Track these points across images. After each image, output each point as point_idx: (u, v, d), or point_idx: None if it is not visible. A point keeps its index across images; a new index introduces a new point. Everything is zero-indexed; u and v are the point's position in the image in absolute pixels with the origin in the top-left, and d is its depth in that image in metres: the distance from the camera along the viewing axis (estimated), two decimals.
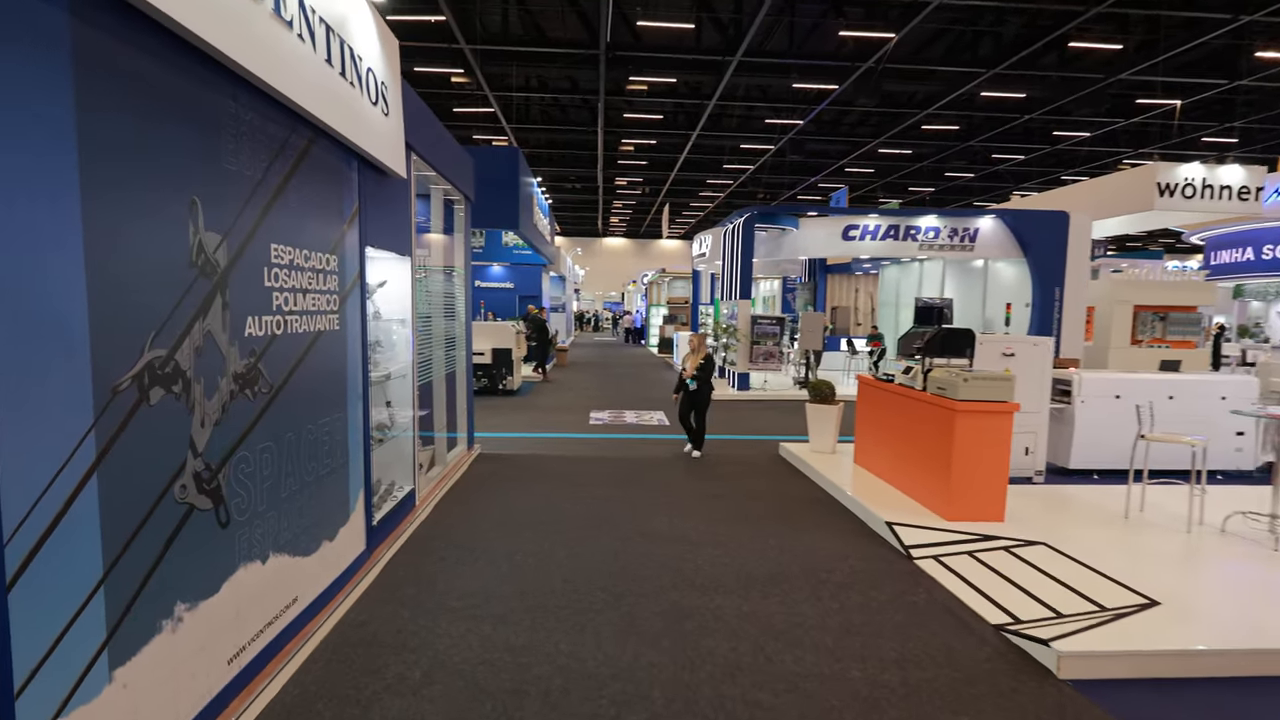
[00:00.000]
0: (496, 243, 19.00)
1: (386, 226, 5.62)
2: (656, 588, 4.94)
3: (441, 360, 7.53)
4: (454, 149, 7.72)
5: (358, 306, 4.90)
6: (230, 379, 3.27)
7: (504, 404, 13.34)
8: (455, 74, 22.34)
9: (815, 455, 8.65)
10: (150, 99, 2.72)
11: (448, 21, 17.95)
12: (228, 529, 3.26)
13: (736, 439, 10.49)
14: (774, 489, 7.61)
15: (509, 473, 8.10)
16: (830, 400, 8.74)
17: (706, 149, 30.49)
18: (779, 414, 12.83)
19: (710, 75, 22.13)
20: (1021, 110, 24.67)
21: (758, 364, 14.88)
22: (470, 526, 6.16)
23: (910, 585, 5.08)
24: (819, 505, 7.03)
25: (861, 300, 21.42)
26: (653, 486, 7.63)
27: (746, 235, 14.81)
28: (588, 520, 6.40)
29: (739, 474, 8.27)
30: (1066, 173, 33.22)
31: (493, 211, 13.28)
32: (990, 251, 14.81)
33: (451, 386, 8.31)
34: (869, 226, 15.10)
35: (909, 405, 6.86)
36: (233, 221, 3.30)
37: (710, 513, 6.72)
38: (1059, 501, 7.03)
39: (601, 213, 48.26)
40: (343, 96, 4.26)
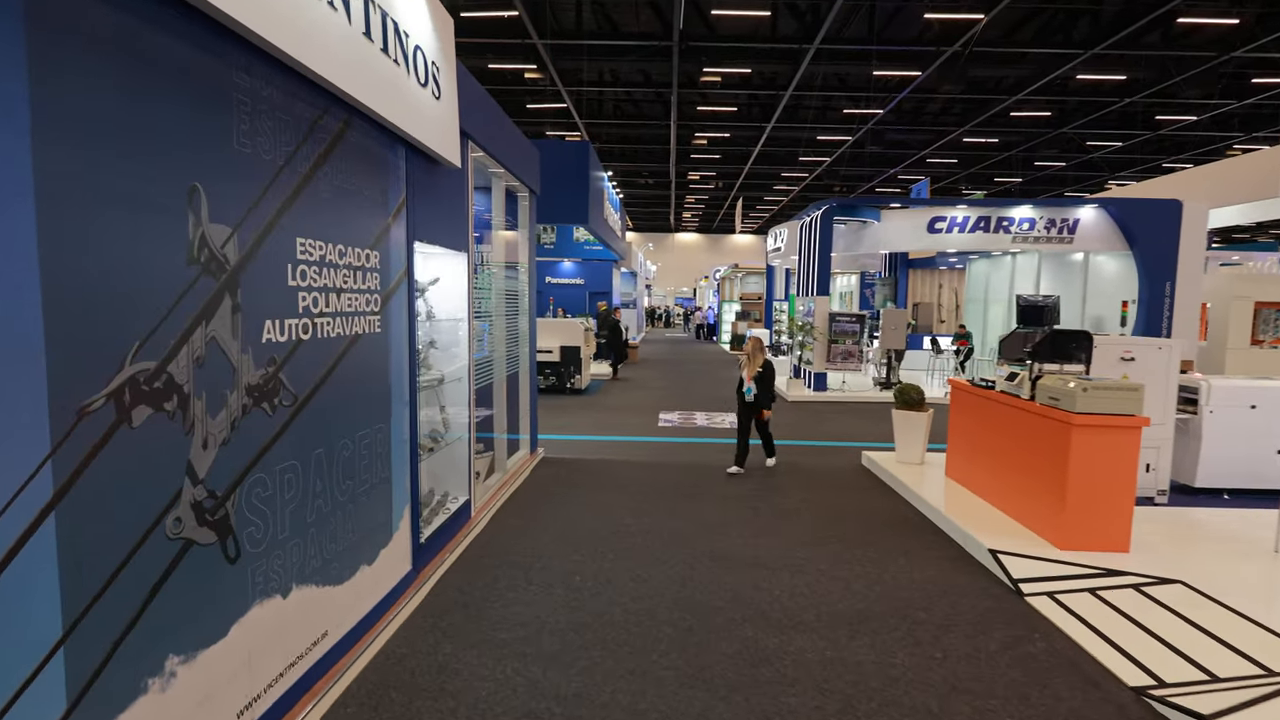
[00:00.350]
0: (568, 239, 18.64)
1: (439, 220, 5.18)
2: (728, 622, 4.34)
3: (503, 361, 7.10)
4: (516, 138, 7.27)
5: (404, 306, 4.46)
6: (242, 392, 2.84)
7: (571, 403, 12.92)
8: (528, 70, 22.11)
9: (902, 467, 7.86)
10: (134, 70, 2.28)
11: (520, 16, 17.64)
12: (238, 564, 2.83)
13: (814, 445, 9.75)
14: (857, 505, 6.89)
15: (572, 479, 7.62)
16: (919, 407, 7.94)
17: (781, 141, 29.50)
18: (859, 418, 11.99)
19: (786, 65, 21.25)
20: (1120, 94, 22.88)
21: (836, 363, 14.03)
22: (528, 542, 5.69)
23: (1024, 630, 4.33)
24: (909, 525, 6.29)
25: (945, 296, 20.18)
26: (724, 498, 7.02)
27: (825, 228, 13.96)
28: (654, 537, 5.85)
29: (818, 486, 7.57)
30: (1168, 160, 30.82)
31: (562, 207, 12.86)
32: (1092, 244, 13.54)
33: (514, 388, 7.89)
34: (956, 218, 14.03)
35: (1014, 416, 6.04)
36: (246, 212, 2.86)
37: (787, 531, 6.07)
38: (1189, 528, 6.09)
39: (674, 208, 47.63)
40: (384, 75, 3.80)
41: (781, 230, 18.57)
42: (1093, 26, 18.46)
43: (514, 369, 7.86)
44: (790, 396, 13.73)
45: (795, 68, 20.82)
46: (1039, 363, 5.87)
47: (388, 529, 4.27)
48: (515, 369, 7.92)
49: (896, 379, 14.40)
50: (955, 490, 6.96)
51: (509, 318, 7.63)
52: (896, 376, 14.39)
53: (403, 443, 4.47)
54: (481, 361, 6.47)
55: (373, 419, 4.03)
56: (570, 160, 12.82)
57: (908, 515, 6.57)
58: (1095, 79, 21.33)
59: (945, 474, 7.46)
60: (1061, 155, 30.44)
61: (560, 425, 10.76)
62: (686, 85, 23.19)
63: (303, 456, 3.29)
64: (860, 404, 13.35)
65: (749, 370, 8.00)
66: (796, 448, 9.54)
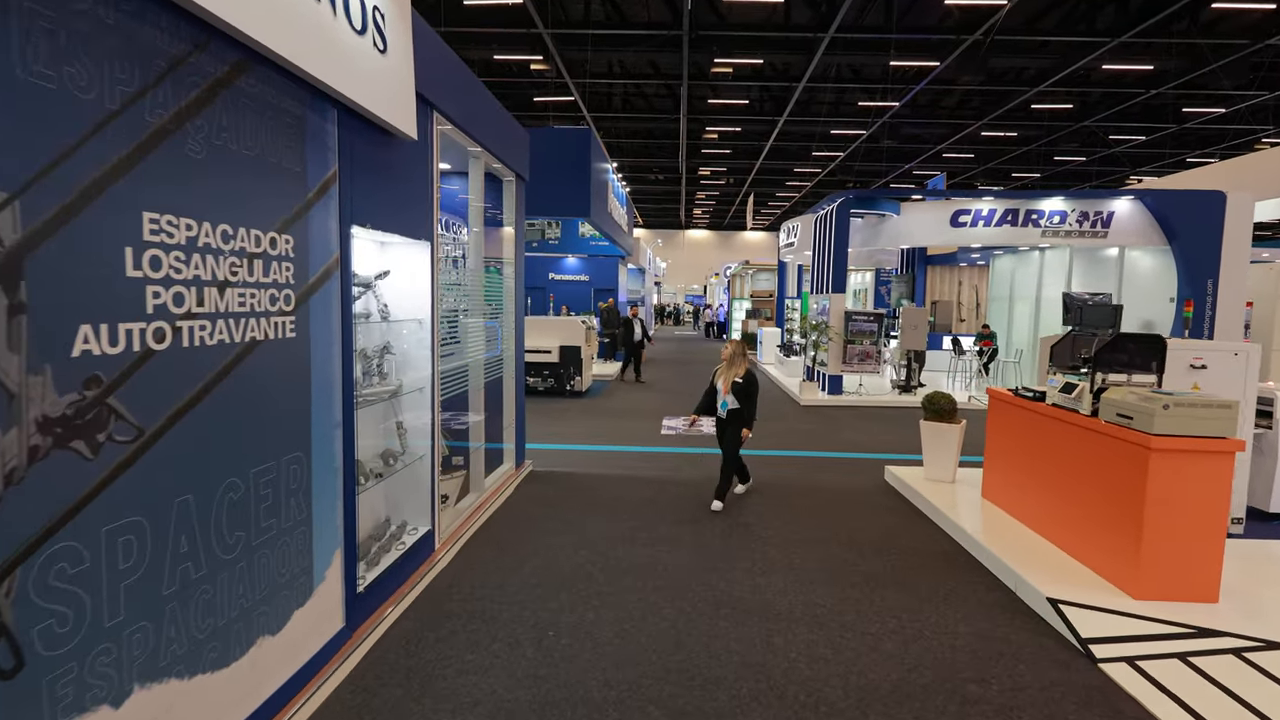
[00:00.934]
0: (573, 234, 17.73)
1: (392, 201, 4.28)
2: (732, 701, 3.42)
3: (480, 366, 6.19)
4: (498, 114, 6.36)
5: (333, 305, 3.56)
6: (29, 428, 1.95)
7: (571, 407, 12.01)
8: (534, 61, 21.23)
9: (931, 485, 6.91)
10: None
11: (525, 5, 16.76)
12: (19, 679, 1.94)
13: (831, 457, 8.79)
14: (883, 531, 5.94)
15: (560, 499, 6.72)
16: (951, 417, 6.98)
17: (794, 135, 28.47)
18: (879, 425, 11.02)
19: (800, 55, 20.26)
20: (1146, 85, 21.75)
21: (852, 365, 13.05)
22: (498, 582, 4.78)
23: (1106, 713, 3.39)
24: (945, 559, 5.34)
25: (965, 294, 19.12)
26: (731, 524, 6.09)
27: (841, 222, 12.97)
28: (647, 575, 4.93)
29: (837, 508, 6.63)
30: (1193, 155, 29.55)
31: (561, 198, 11.97)
32: (1127, 238, 12.47)
33: (496, 396, 7.00)
34: (982, 211, 12.99)
35: (1070, 435, 5.08)
36: (41, 171, 1.97)
37: (803, 566, 5.13)
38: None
39: (684, 204, 46.65)
40: (296, 10, 2.90)
41: (795, 224, 17.58)
42: (1119, 14, 17.40)
43: (497, 373, 6.96)
44: (803, 400, 12.77)
45: (809, 58, 19.82)
46: (1106, 372, 4.91)
47: (307, 582, 3.37)
48: (499, 373, 7.02)
49: (917, 382, 13.41)
50: (995, 516, 6.00)
51: (493, 316, 6.74)
52: (917, 379, 13.40)
53: (331, 473, 3.57)
54: (451, 369, 5.58)
55: (281, 448, 3.13)
56: (570, 148, 11.91)
57: (942, 546, 5.62)
58: (1121, 69, 20.22)
59: (982, 495, 6.50)
60: (1082, 149, 29.24)
61: (554, 433, 9.85)
62: (697, 77, 22.24)
63: (155, 509, 2.40)
64: (879, 409, 12.37)
65: (725, 379, 6.45)
66: (811, 460, 8.59)
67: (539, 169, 12.24)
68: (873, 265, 20.66)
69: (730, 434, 6.43)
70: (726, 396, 6.42)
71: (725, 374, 6.48)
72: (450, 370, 5.53)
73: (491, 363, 6.67)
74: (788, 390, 13.93)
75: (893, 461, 8.35)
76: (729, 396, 6.41)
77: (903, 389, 13.39)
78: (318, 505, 3.44)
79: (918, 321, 12.91)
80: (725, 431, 6.51)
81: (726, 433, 6.48)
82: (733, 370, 6.43)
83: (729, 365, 6.47)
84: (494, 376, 6.76)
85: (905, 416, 11.66)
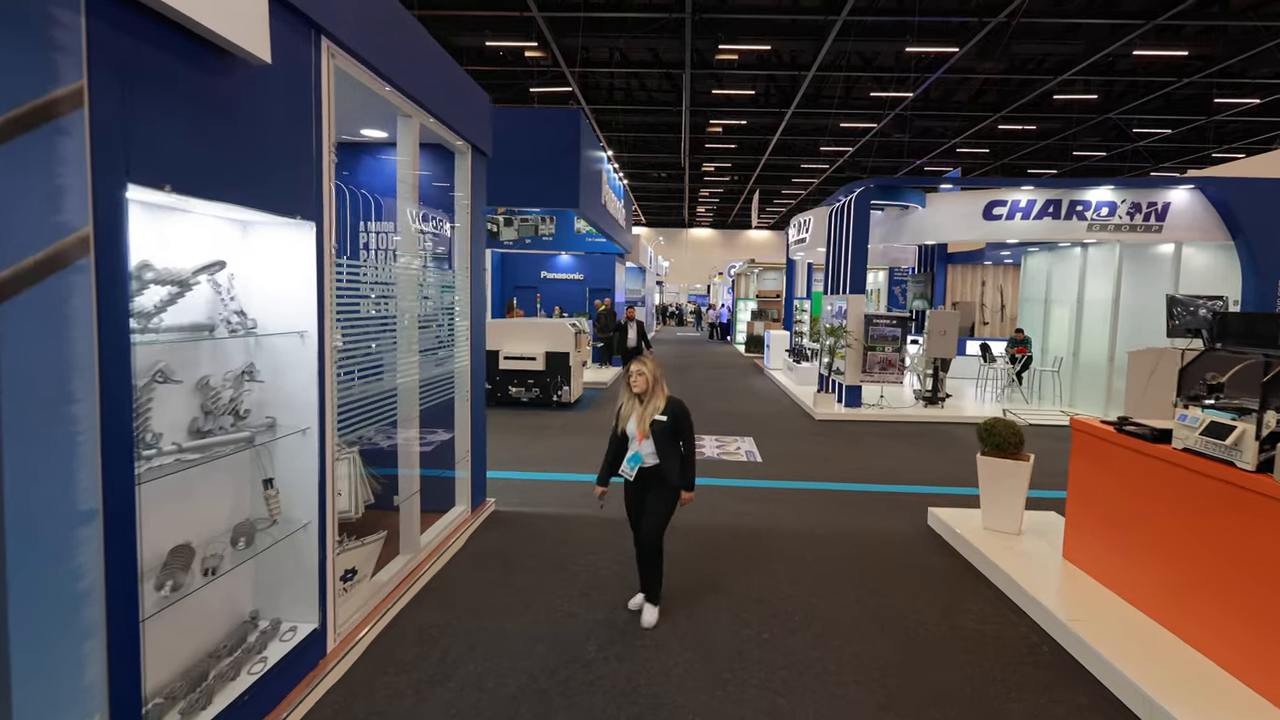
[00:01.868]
0: (568, 231, 16.22)
1: (231, 156, 2.78)
2: None
3: (413, 390, 4.68)
4: (439, 62, 4.85)
5: (75, 314, 2.07)
6: None
7: (554, 422, 10.49)
8: (528, 48, 19.75)
9: (992, 539, 5.39)
10: None
11: None
12: None
13: (857, 490, 7.27)
14: (944, 610, 4.42)
15: (522, 557, 5.21)
16: (1017, 452, 5.46)
17: (801, 129, 26.95)
18: (907, 444, 9.49)
19: (810, 41, 18.76)
20: (1177, 73, 20.16)
21: (872, 374, 11.52)
22: (410, 704, 3.29)
23: None
24: (1034, 659, 3.80)
25: (989, 295, 17.53)
26: (741, 599, 4.57)
27: (860, 214, 11.42)
28: (624, 696, 3.41)
29: (877, 570, 5.11)
30: (1219, 150, 27.88)
31: (548, 187, 10.50)
32: (1185, 233, 10.89)
33: (443, 421, 5.51)
34: (1019, 202, 11.42)
35: (1219, 495, 3.55)
36: None
37: (845, 679, 3.60)
38: None
39: (687, 202, 45.13)
40: None
41: (806, 218, 16.04)
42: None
43: (447, 393, 5.47)
44: (818, 413, 11.23)
45: (820, 44, 18.31)
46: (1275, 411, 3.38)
47: None
48: (449, 393, 5.53)
49: (944, 392, 11.87)
50: (1088, 590, 4.48)
51: (434, 322, 5.24)
52: (944, 390, 11.85)
53: (75, 600, 2.08)
54: (355, 402, 4.08)
55: None
56: (557, 131, 10.42)
57: (1025, 635, 4.09)
58: (1152, 55, 18.66)
59: (1063, 556, 4.98)
60: (1103, 144, 27.60)
61: (532, 457, 8.35)
62: (700, 66, 20.73)
63: None
64: (903, 424, 10.84)
65: (639, 418, 4.12)
66: (834, 494, 7.07)
67: (522, 155, 10.78)
68: (886, 264, 19.10)
69: (652, 502, 4.10)
70: (642, 445, 4.11)
71: (639, 410, 4.14)
72: (365, 398, 4.04)
73: (438, 382, 5.17)
74: (800, 402, 12.39)
75: (934, 497, 6.84)
76: (645, 444, 4.11)
77: (928, 401, 11.85)
78: (22, 661, 1.94)
79: (946, 326, 11.36)
80: (643, 499, 4.16)
81: (646, 500, 4.13)
82: (650, 404, 4.11)
83: (644, 397, 4.13)
84: (440, 400, 5.26)
85: (934, 434, 10.13)
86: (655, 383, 4.14)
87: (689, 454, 4.16)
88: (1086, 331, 11.77)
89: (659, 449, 4.07)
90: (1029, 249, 13.40)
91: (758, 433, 9.96)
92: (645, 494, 4.16)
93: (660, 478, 4.10)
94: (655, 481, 4.12)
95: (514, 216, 15.75)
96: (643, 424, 4.09)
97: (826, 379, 12.41)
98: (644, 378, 4.11)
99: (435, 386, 5.13)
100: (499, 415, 10.75)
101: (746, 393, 14.08)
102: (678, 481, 4.11)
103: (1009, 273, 17.51)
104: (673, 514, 4.17)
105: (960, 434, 10.18)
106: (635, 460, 4.12)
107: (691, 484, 4.16)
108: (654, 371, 4.14)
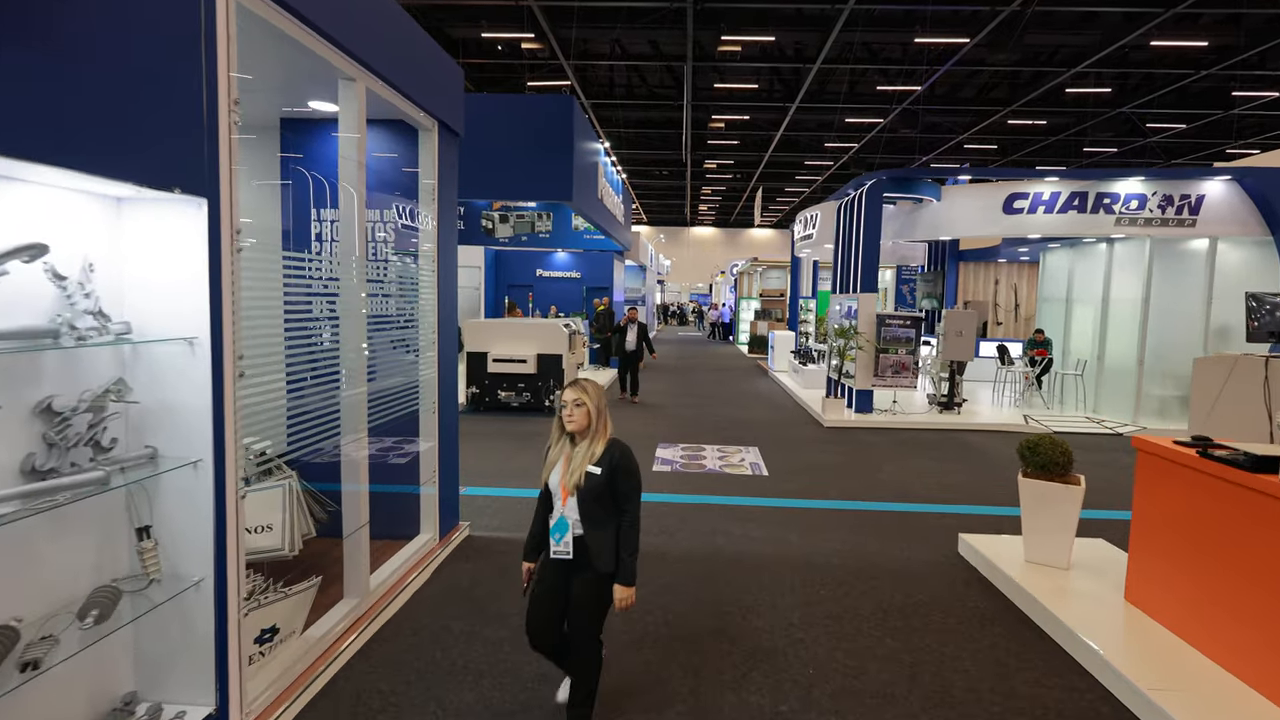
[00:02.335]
0: (566, 227, 15.49)
1: (70, 104, 2.04)
2: None
3: (360, 405, 3.92)
4: (388, 12, 4.09)
5: None
6: None
7: (545, 429, 9.70)
8: (525, 39, 19.01)
9: (1038, 574, 4.63)
10: None
11: None
12: None
13: (875, 510, 6.51)
14: (993, 670, 3.64)
15: (492, 598, 4.45)
16: (1066, 474, 4.70)
17: (806, 125, 26.19)
18: (924, 455, 8.72)
19: (815, 32, 17.98)
20: (1196, 65, 19.37)
21: (885, 378, 10.76)
22: None
23: None
24: None
25: (1002, 294, 16.74)
26: (744, 648, 3.82)
27: (872, 207, 10.65)
28: None
29: (907, 612, 4.34)
30: (1234, 145, 27.06)
31: (538, 178, 9.74)
32: (1221, 227, 10.08)
33: (407, 435, 4.78)
34: (1042, 195, 10.63)
35: None
36: None
37: None
38: None
39: (689, 200, 44.35)
40: None
41: (813, 213, 15.26)
42: None
43: (411, 406, 4.73)
44: (827, 420, 10.47)
45: (825, 35, 17.55)
46: None
47: None
48: (413, 405, 4.79)
49: (960, 397, 11.10)
50: (1161, 643, 3.72)
51: (393, 325, 4.50)
52: (961, 394, 11.08)
53: None
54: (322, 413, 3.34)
55: None
56: (548, 118, 9.66)
57: (1093, 704, 3.33)
58: (1172, 45, 17.89)
59: (1125, 598, 4.22)
60: (1115, 140, 26.80)
61: (517, 469, 7.60)
62: (701, 58, 19.96)
63: None
64: (918, 432, 10.07)
65: (567, 470, 2.92)
66: (850, 515, 6.31)
67: (512, 144, 10.04)
68: (894, 262, 18.31)
69: (582, 591, 2.91)
70: (567, 506, 2.90)
71: (568, 455, 2.95)
72: (302, 413, 3.30)
73: (397, 394, 4.43)
74: (807, 407, 11.62)
75: (961, 519, 6.09)
76: (570, 504, 2.90)
77: (943, 406, 11.09)
78: None
79: (963, 326, 10.60)
80: (569, 582, 2.96)
81: (573, 585, 2.94)
82: (586, 448, 2.90)
83: (579, 437, 2.93)
84: (400, 414, 4.52)
85: (952, 443, 9.37)
86: (597, 418, 2.89)
87: (630, 526, 2.87)
88: (1112, 333, 10.98)
89: (585, 515, 2.86)
90: (1049, 245, 12.61)
91: (763, 442, 9.20)
92: (568, 579, 2.93)
93: (586, 559, 2.88)
94: (580, 564, 2.89)
95: (509, 213, 15.03)
96: (570, 476, 2.87)
97: (835, 383, 11.64)
98: (584, 409, 2.85)
99: (393, 399, 4.39)
100: (485, 421, 10.01)
101: (750, 396, 13.31)
102: (609, 567, 2.86)
103: (1023, 270, 16.71)
104: (604, 616, 2.95)
105: (979, 443, 9.41)
106: (561, 529, 2.88)
107: (631, 575, 2.86)
108: (597, 402, 2.91)
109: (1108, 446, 9.22)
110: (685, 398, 12.71)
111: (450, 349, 5.23)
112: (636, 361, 12.08)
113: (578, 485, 2.84)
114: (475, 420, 10.06)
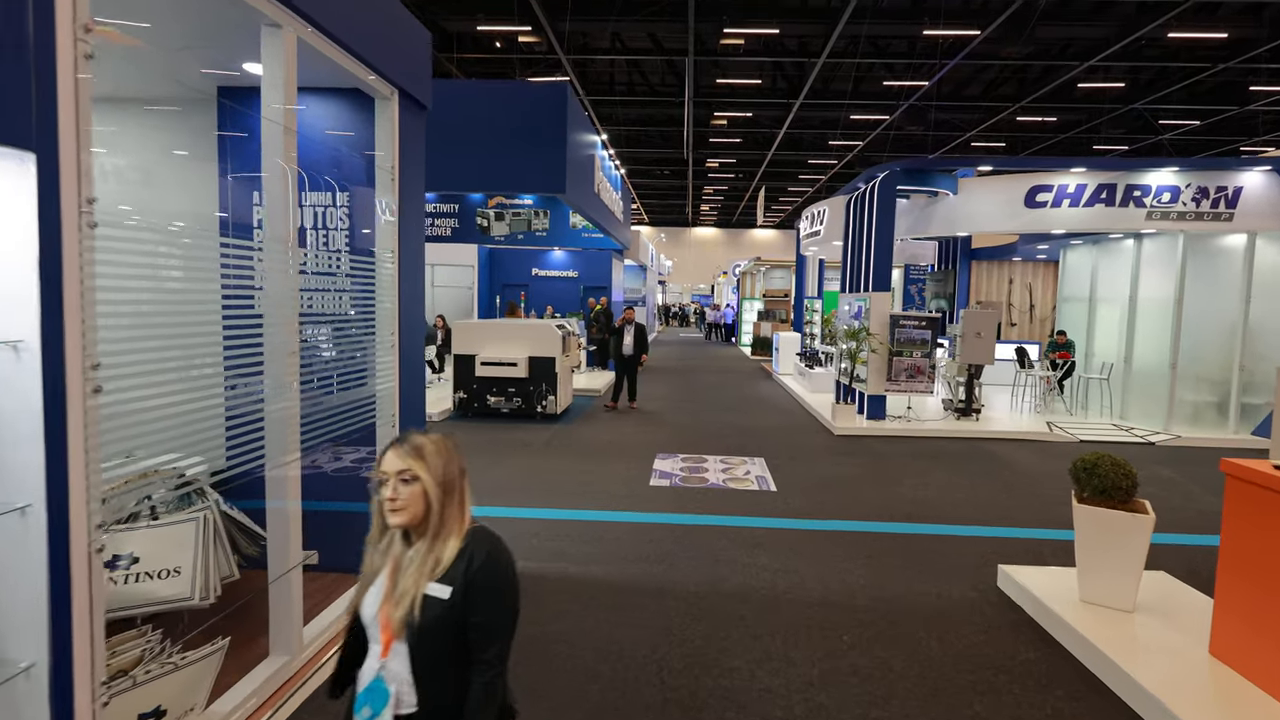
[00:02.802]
0: (564, 225, 14.81)
1: None
2: None
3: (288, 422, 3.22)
4: None
5: None
6: None
7: (536, 437, 9.03)
8: (522, 32, 18.38)
9: (1098, 616, 3.92)
10: None
11: None
12: None
13: (897, 533, 5.80)
14: None
15: None
16: (1130, 500, 4.00)
17: (809, 123, 25.50)
18: (945, 467, 8.00)
19: (820, 24, 17.30)
20: (1213, 59, 18.66)
21: (899, 383, 10.05)
22: None
23: None
24: None
25: (1017, 294, 16.03)
26: (754, 716, 3.14)
27: (884, 201, 9.95)
28: None
29: (946, 664, 3.64)
30: (1248, 143, 26.33)
31: (529, 170, 9.06)
32: (1260, 221, 9.33)
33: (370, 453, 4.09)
34: (1067, 187, 9.91)
35: None
36: None
37: None
38: None
39: (691, 200, 43.64)
40: None
41: (820, 209, 14.56)
42: None
43: (366, 420, 4.03)
44: (838, 427, 9.75)
45: (831, 28, 16.86)
46: None
47: None
48: (369, 418, 4.09)
49: (979, 403, 10.38)
50: (1255, 705, 3.03)
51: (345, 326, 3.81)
52: (979, 400, 10.37)
53: None
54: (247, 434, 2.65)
55: None
56: (540, 106, 8.98)
57: None
58: (1190, 38, 17.17)
59: (1210, 652, 3.52)
60: (1126, 137, 26.08)
61: (500, 484, 6.90)
62: (703, 52, 19.29)
63: None
64: (936, 440, 9.36)
65: (391, 594, 1.60)
66: (869, 539, 5.60)
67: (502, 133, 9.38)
68: (903, 260, 17.59)
69: None
70: (389, 654, 1.58)
71: (396, 567, 1.64)
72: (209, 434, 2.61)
73: (341, 411, 3.73)
74: (815, 413, 10.90)
75: (995, 544, 5.39)
76: (395, 654, 1.58)
77: (960, 412, 10.37)
78: None
79: (982, 327, 9.89)
80: None
81: None
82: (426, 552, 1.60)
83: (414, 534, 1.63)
84: (350, 429, 3.82)
85: (974, 454, 8.65)
86: (443, 499, 1.63)
87: (482, 694, 1.55)
88: (1141, 335, 10.26)
89: (422, 673, 1.58)
90: (1070, 242, 11.89)
91: (769, 451, 8.49)
92: None
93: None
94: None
95: (505, 211, 14.37)
96: (396, 605, 1.58)
97: (846, 387, 10.93)
98: (416, 489, 1.59)
99: (341, 413, 3.70)
100: (472, 429, 9.32)
101: (754, 401, 12.59)
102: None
103: (1039, 269, 15.98)
104: None
105: (1004, 453, 8.69)
106: (377, 698, 1.58)
107: None
108: (442, 474, 1.63)
109: (1143, 458, 8.49)
110: (686, 403, 11.99)
111: (416, 356, 4.54)
112: (635, 365, 11.38)
113: (407, 621, 1.55)
114: (462, 428, 9.38)
